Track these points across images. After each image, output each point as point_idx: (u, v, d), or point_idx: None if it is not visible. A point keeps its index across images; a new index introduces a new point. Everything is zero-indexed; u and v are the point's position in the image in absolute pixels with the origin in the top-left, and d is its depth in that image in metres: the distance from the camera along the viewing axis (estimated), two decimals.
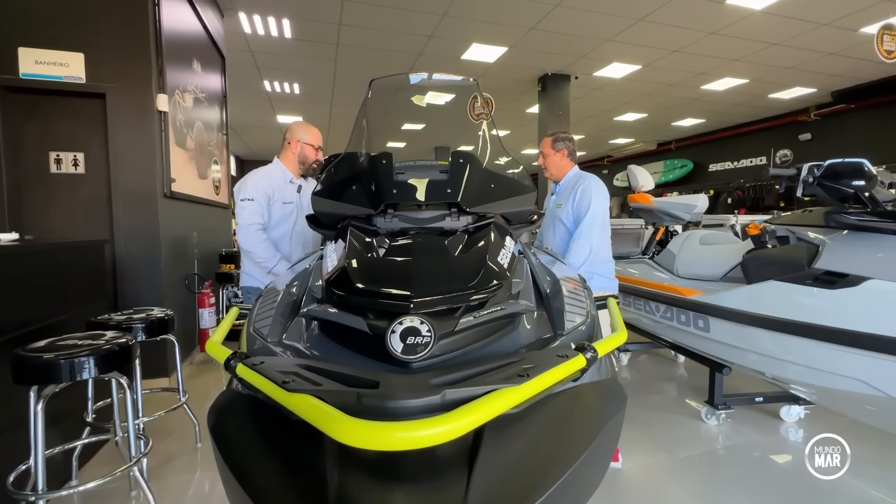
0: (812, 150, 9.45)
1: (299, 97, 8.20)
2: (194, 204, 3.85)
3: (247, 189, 2.14)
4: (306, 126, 2.31)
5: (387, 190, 1.14)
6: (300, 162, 2.28)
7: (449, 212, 1.14)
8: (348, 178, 1.31)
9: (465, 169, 1.20)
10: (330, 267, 0.98)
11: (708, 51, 6.32)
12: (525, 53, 6.37)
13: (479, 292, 0.80)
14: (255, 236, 2.11)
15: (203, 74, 4.28)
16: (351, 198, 1.21)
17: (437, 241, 0.99)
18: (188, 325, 3.62)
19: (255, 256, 2.12)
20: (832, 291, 1.52)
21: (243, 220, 2.12)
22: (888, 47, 3.65)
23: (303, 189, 2.32)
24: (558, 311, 0.94)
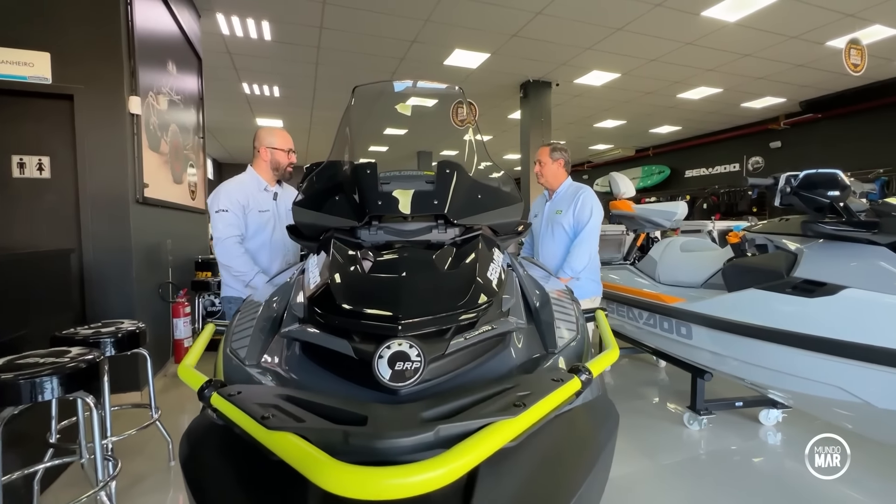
0: (782, 157, 9.80)
1: (279, 100, 8.07)
2: (169, 210, 3.72)
3: (220, 200, 2.06)
4: (272, 130, 2.24)
5: (371, 201, 1.10)
6: (273, 168, 2.21)
7: (435, 224, 1.11)
8: (331, 188, 1.26)
9: (452, 179, 1.18)
10: (312, 283, 0.93)
11: (684, 60, 6.49)
12: (507, 60, 6.41)
13: (470, 311, 0.77)
14: (232, 249, 2.03)
15: (178, 76, 4.15)
16: (334, 209, 1.17)
17: (424, 255, 0.95)
18: (162, 336, 3.49)
19: (233, 270, 2.04)
20: (810, 300, 1.55)
21: (219, 232, 2.04)
22: (854, 60, 3.81)
23: (279, 196, 2.25)
24: (548, 326, 0.92)
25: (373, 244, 1.06)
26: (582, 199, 2.40)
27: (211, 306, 4.06)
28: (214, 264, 4.19)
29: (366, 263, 0.93)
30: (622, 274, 2.96)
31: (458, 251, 1.00)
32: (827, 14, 5.15)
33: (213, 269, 4.15)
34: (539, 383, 0.65)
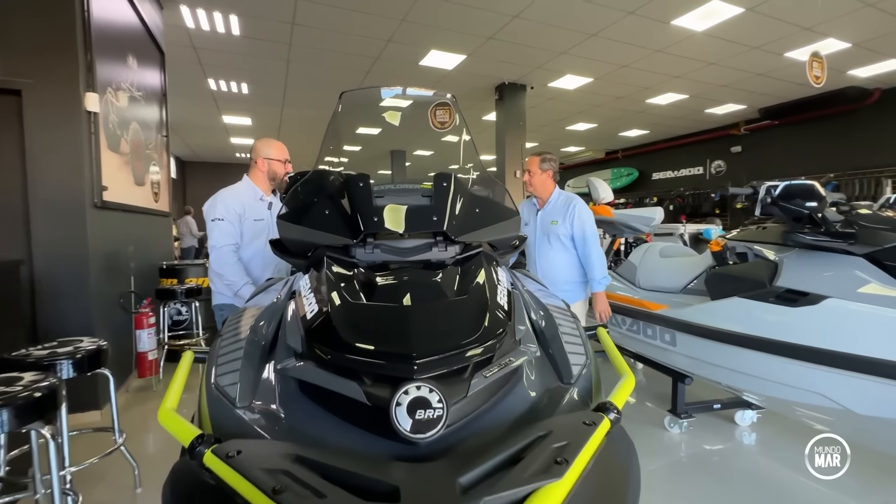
0: (742, 161, 10.26)
1: (248, 97, 7.78)
2: (130, 213, 3.49)
3: (216, 209, 2.06)
4: (269, 142, 2.25)
5: (367, 217, 1.03)
6: (270, 178, 2.22)
7: (434, 241, 1.05)
8: (320, 202, 1.18)
9: (450, 193, 1.12)
10: (308, 310, 0.85)
11: (654, 67, 6.67)
12: (483, 62, 6.40)
13: (487, 343, 0.72)
14: (227, 258, 2.02)
15: (139, 71, 3.91)
16: (324, 224, 1.09)
17: (429, 279, 0.89)
18: (123, 349, 3.27)
19: (224, 278, 2.03)
20: (793, 309, 1.59)
21: (215, 241, 2.03)
22: (816, 73, 4.00)
23: (273, 206, 2.24)
24: (559, 352, 0.88)
25: (368, 264, 1.00)
26: (577, 210, 2.46)
27: (177, 315, 3.85)
28: (180, 270, 3.97)
29: (366, 288, 0.86)
30: None
31: (462, 272, 0.95)
32: (786, 27, 5.40)
33: (178, 276, 3.94)
34: (573, 430, 0.61)
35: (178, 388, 0.84)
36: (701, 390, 3.08)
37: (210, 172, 14.27)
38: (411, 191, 1.20)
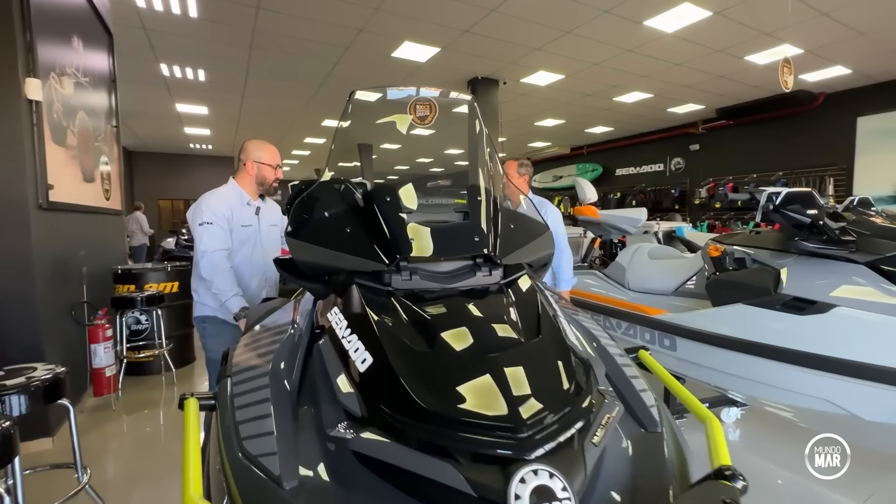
0: (700, 158, 10.73)
1: (204, 85, 7.26)
2: (80, 214, 3.14)
3: (203, 213, 1.89)
4: (261, 144, 2.07)
5: (402, 238, 0.91)
6: (258, 182, 2.05)
7: (473, 263, 0.94)
8: (338, 217, 1.04)
9: (488, 210, 1.02)
10: (356, 357, 0.71)
11: (623, 66, 6.78)
12: (457, 56, 6.28)
13: (586, 398, 0.63)
14: (221, 264, 1.85)
15: (85, 54, 3.51)
16: (350, 245, 0.95)
17: (492, 315, 0.78)
18: (77, 365, 2.94)
19: (214, 286, 1.84)
20: (801, 317, 1.62)
21: (206, 245, 1.86)
22: (786, 77, 4.17)
23: (261, 211, 2.07)
24: (629, 389, 0.80)
25: (406, 292, 0.88)
26: (549, 213, 2.51)
27: (136, 324, 3.52)
28: (137, 276, 3.64)
29: (421, 328, 0.74)
30: (591, 280, 2.98)
31: (517, 303, 0.85)
32: (748, 32, 5.62)
33: (136, 282, 3.60)
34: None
35: (196, 460, 0.68)
36: None
37: (160, 164, 13.36)
38: (443, 206, 1.09)
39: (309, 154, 14.01)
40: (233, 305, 1.80)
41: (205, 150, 13.30)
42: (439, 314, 0.79)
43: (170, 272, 3.74)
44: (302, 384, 0.82)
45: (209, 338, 1.96)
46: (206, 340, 1.97)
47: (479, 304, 0.82)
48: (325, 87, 7.45)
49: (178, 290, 3.77)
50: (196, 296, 1.99)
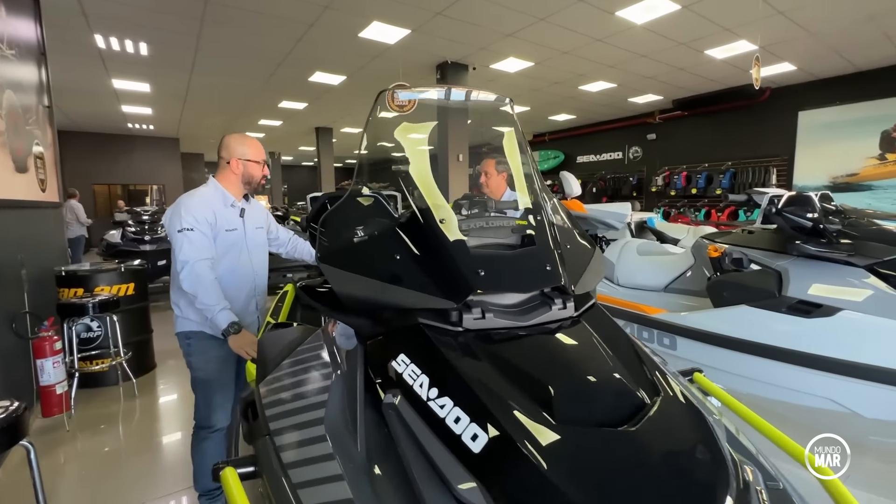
0: (656, 147, 11.15)
1: (147, 59, 6.57)
2: (14, 210, 2.73)
3: (183, 218, 1.67)
4: (244, 139, 1.84)
5: (471, 270, 0.80)
6: (244, 182, 1.83)
7: (542, 292, 0.85)
8: (383, 241, 0.91)
9: (552, 232, 0.93)
10: (456, 427, 0.60)
11: (592, 56, 6.83)
12: (428, 39, 6.05)
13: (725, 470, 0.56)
14: (204, 275, 1.64)
15: (9, 21, 3.02)
16: (406, 277, 0.83)
17: (599, 367, 0.70)
18: (19, 383, 2.60)
19: (198, 300, 1.63)
20: (807, 320, 1.67)
21: (186, 255, 1.64)
22: (755, 75, 4.33)
23: (246, 212, 1.86)
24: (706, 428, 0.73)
25: (478, 333, 0.77)
26: None
27: (86, 332, 3.16)
28: (86, 278, 3.26)
29: (527, 384, 0.64)
30: None
31: (608, 342, 0.77)
32: (711, 26, 5.80)
33: (84, 285, 3.23)
34: None
35: None
36: None
37: (94, 145, 12.17)
38: (496, 228, 0.98)
39: (264, 136, 13.23)
40: (221, 321, 1.61)
41: (146, 131, 12.21)
42: (540, 366, 0.70)
43: (124, 273, 3.37)
44: (369, 446, 0.70)
45: (194, 355, 1.75)
46: (191, 358, 1.76)
47: (575, 351, 0.73)
48: (285, 66, 6.98)
49: (134, 293, 3.42)
50: (177, 309, 1.77)
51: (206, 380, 1.75)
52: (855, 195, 8.02)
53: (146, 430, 2.82)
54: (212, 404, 1.75)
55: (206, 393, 1.75)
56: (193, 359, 1.75)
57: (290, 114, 10.34)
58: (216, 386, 1.76)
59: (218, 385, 1.76)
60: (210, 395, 1.75)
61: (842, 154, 8.19)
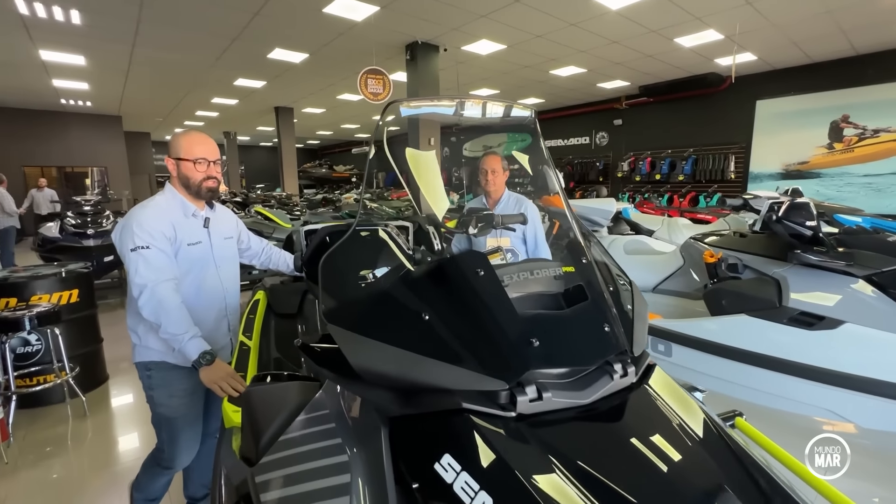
0: (622, 133, 11.31)
1: (80, 29, 5.86)
2: None
3: (136, 234, 1.43)
4: (181, 134, 1.55)
5: (522, 340, 0.66)
6: (183, 185, 1.55)
7: (602, 360, 0.73)
8: (405, 295, 0.75)
9: (601, 279, 0.80)
10: None
11: (565, 40, 6.72)
12: (398, 17, 5.72)
13: None
14: (167, 300, 1.40)
15: None
16: (441, 348, 0.68)
17: (688, 463, 0.59)
18: None
19: (163, 330, 1.40)
20: (810, 332, 1.67)
21: (144, 277, 1.40)
22: (732, 64, 4.34)
23: (210, 222, 1.61)
24: None
25: (536, 417, 0.64)
26: (530, 212, 2.37)
27: (23, 346, 2.81)
28: (17, 286, 2.88)
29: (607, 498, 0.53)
30: None
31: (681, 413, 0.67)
32: (682, 14, 5.81)
33: (18, 294, 2.85)
34: None
35: None
36: None
37: (22, 123, 10.98)
38: (541, 279, 0.84)
39: (217, 116, 12.36)
40: (191, 351, 1.39)
41: (83, 108, 11.09)
42: (619, 458, 0.58)
43: (66, 278, 3.00)
44: None
45: (157, 389, 1.53)
46: (153, 392, 1.53)
47: (651, 431, 0.62)
48: (241, 41, 6.43)
49: (78, 300, 3.06)
50: (135, 337, 1.53)
51: (171, 417, 1.53)
52: (805, 182, 8.45)
53: (100, 453, 2.55)
54: (177, 444, 1.54)
55: (171, 432, 1.54)
56: (156, 393, 1.53)
57: (248, 92, 9.66)
58: (182, 423, 1.55)
59: (184, 422, 1.55)
60: (175, 434, 1.54)
61: (794, 143, 8.59)
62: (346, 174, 18.88)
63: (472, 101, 1.23)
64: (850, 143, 7.95)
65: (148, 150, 15.60)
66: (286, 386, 0.90)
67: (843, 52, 7.45)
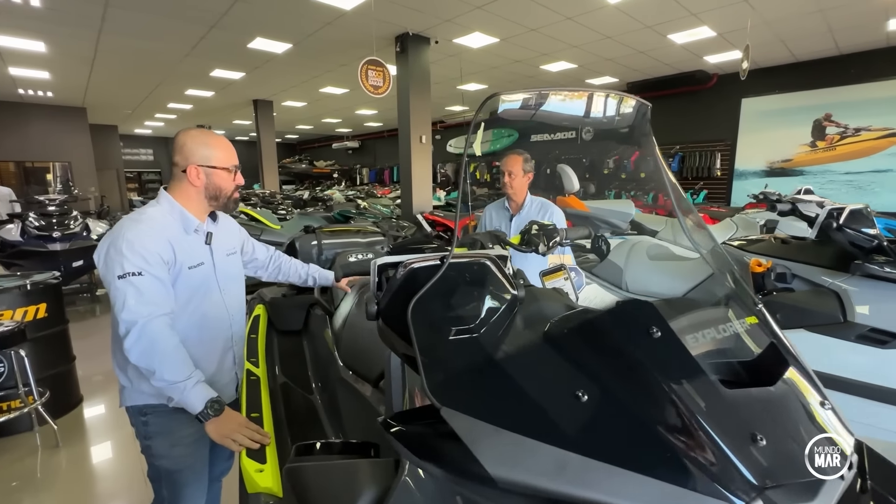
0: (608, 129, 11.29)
1: (39, 12, 5.35)
2: None
3: (126, 257, 1.15)
4: (207, 137, 1.30)
5: (745, 448, 0.47)
6: (210, 197, 1.31)
7: None
8: (547, 361, 0.55)
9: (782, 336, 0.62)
10: None
11: (559, 34, 6.57)
12: (389, 6, 5.44)
13: None
14: (164, 340, 1.15)
15: None
16: (619, 447, 0.48)
17: None
18: None
19: (157, 377, 1.13)
20: (883, 351, 1.55)
21: (134, 312, 1.13)
22: (744, 66, 4.27)
23: (214, 238, 1.35)
24: None
25: None
26: (556, 217, 2.29)
27: None
28: None
29: None
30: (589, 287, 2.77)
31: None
32: (679, 10, 5.73)
33: None
34: None
35: None
36: None
37: None
38: (726, 337, 0.65)
39: (191, 109, 11.76)
40: (194, 400, 1.13)
41: (44, 99, 10.34)
42: None
43: (31, 291, 2.66)
44: None
45: (156, 437, 1.27)
46: (152, 442, 1.27)
47: None
48: (220, 29, 6.03)
49: (47, 314, 2.72)
50: (123, 379, 1.27)
51: (174, 470, 1.28)
52: (789, 180, 8.60)
53: (75, 489, 2.26)
54: (181, 502, 1.30)
55: (174, 487, 1.29)
56: (155, 443, 1.28)
57: (225, 84, 9.17)
58: (188, 476, 1.30)
59: (190, 474, 1.30)
60: (179, 490, 1.29)
61: (778, 140, 8.71)
62: (327, 170, 18.37)
63: (577, 94, 1.01)
64: (832, 142, 8.10)
65: (116, 144, 14.76)
66: (352, 465, 0.69)
67: (828, 51, 7.56)
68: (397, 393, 0.79)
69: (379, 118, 14.42)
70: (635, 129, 0.96)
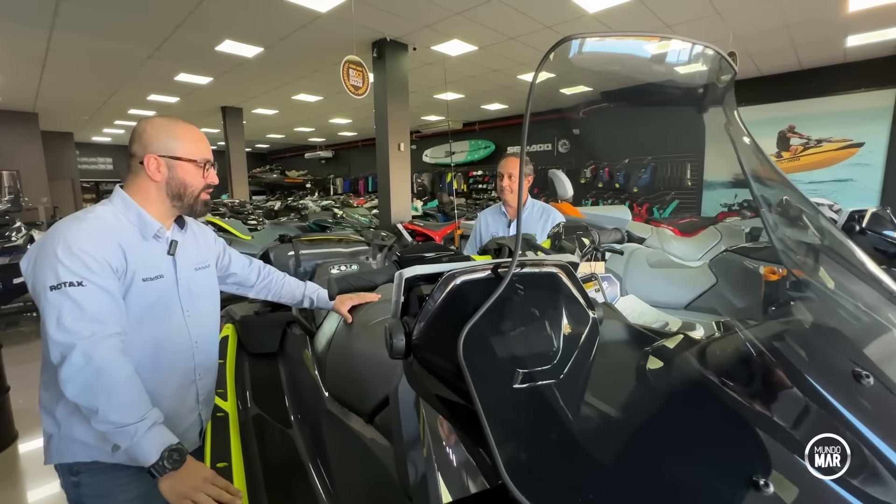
0: (583, 140, 11.47)
1: None
2: None
3: (61, 262, 0.91)
4: (171, 124, 1.08)
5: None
6: (173, 195, 1.08)
7: None
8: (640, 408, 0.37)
9: None
10: None
11: (538, 43, 6.57)
12: (366, 10, 5.29)
13: None
14: (113, 369, 0.89)
15: None
16: None
17: None
18: None
19: (99, 418, 0.87)
20: None
21: (73, 331, 0.89)
22: None
23: (178, 247, 1.11)
24: None
25: None
26: (555, 222, 2.17)
27: None
28: None
29: None
30: None
31: None
32: (655, 23, 5.84)
33: None
34: None
35: None
36: None
37: None
38: None
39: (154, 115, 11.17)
40: (148, 449, 0.88)
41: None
42: None
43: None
44: None
45: (91, 500, 1.01)
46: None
47: None
48: (185, 30, 5.70)
49: None
50: (50, 424, 1.00)
51: None
52: None
53: None
54: None
55: None
56: None
57: (191, 89, 8.75)
58: None
59: None
60: None
61: None
62: (300, 180, 17.89)
63: (655, 39, 0.82)
64: (796, 152, 8.43)
65: (71, 152, 13.89)
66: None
67: (790, 66, 7.90)
68: (299, 367, 0.59)
69: (353, 127, 14.17)
70: (710, 88, 0.79)
